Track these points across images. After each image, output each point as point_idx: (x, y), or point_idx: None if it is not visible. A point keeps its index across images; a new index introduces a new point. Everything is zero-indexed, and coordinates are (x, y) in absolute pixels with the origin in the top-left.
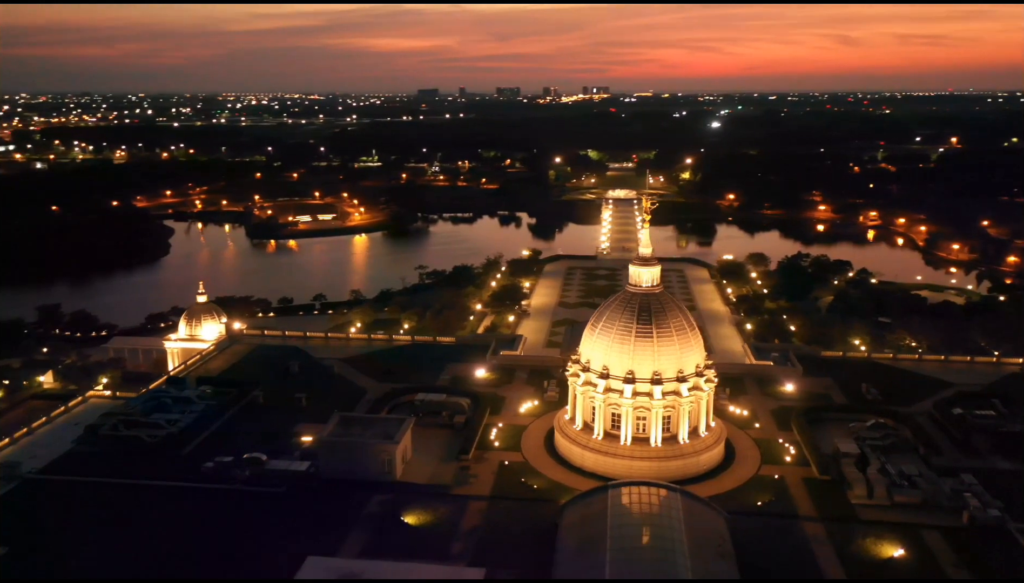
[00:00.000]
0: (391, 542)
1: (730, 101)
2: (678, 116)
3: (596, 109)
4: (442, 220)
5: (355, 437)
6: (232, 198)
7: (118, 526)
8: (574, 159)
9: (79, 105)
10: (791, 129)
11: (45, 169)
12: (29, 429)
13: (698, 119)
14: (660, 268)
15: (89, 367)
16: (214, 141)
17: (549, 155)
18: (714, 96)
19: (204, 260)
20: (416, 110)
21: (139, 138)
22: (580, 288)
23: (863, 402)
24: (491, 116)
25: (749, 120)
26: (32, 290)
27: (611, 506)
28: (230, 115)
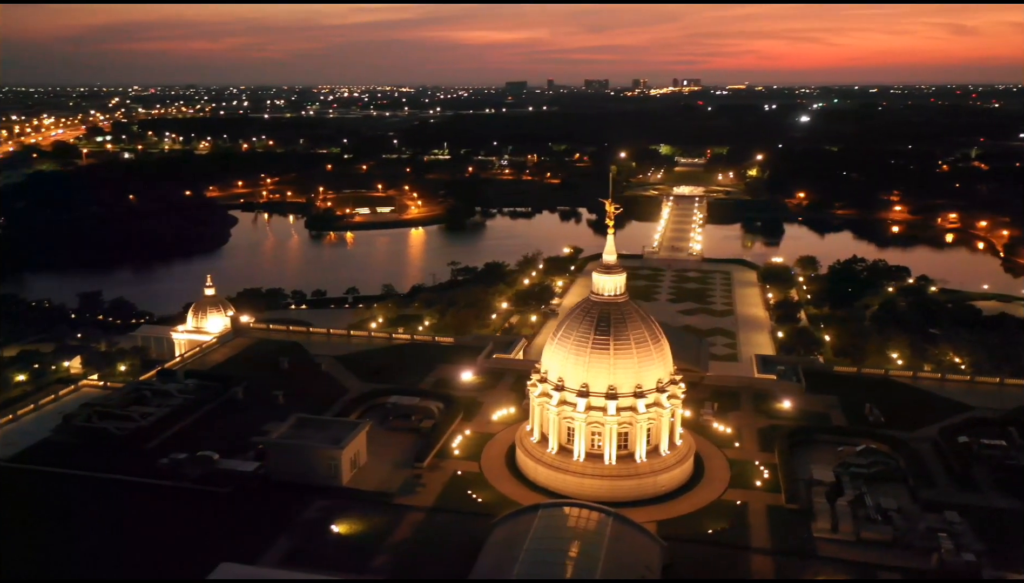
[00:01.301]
0: (314, 551)
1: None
2: (767, 109)
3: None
4: (501, 214)
5: (303, 440)
6: (298, 189)
7: (56, 518)
8: (642, 154)
9: (183, 97)
10: (885, 124)
11: (132, 159)
12: (15, 416)
13: (787, 113)
14: (624, 276)
15: (113, 354)
16: (295, 133)
17: (619, 149)
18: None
19: (259, 250)
20: (501, 103)
21: (225, 130)
22: None
23: (863, 424)
24: (574, 109)
25: (842, 114)
26: (94, 275)
27: (535, 527)
28: (320, 107)
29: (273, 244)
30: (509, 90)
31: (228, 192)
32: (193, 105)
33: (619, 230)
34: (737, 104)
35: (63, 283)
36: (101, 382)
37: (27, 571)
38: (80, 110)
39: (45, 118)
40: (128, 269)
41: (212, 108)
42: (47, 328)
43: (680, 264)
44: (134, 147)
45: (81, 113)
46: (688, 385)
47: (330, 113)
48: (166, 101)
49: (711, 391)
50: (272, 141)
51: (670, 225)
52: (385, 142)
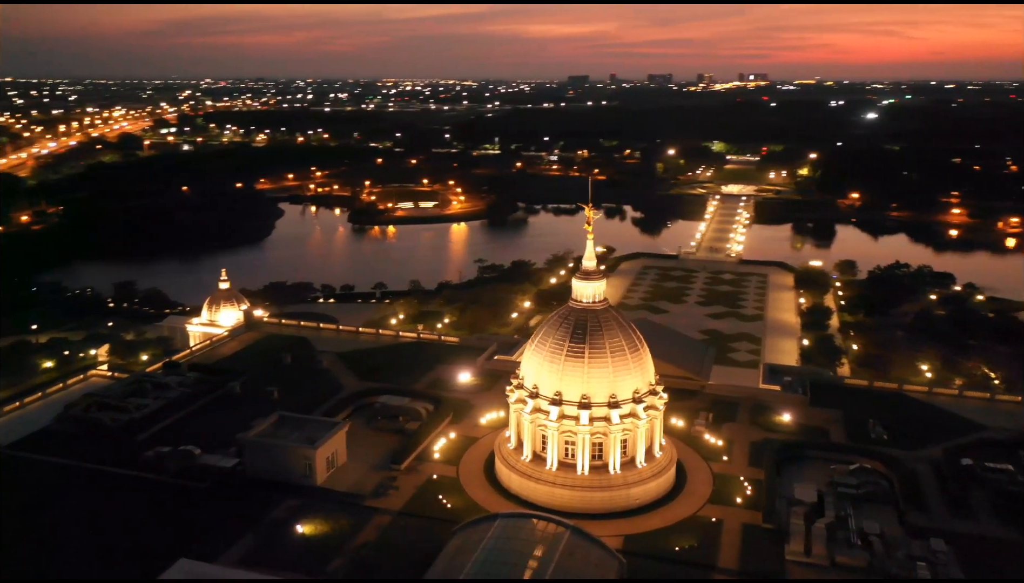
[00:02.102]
0: (274, 551)
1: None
2: (834, 105)
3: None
4: (545, 211)
5: (279, 438)
6: (345, 183)
7: (32, 506)
8: (693, 151)
9: (251, 90)
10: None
11: (190, 151)
12: (21, 404)
13: (854, 109)
14: (604, 283)
15: (138, 344)
16: (351, 126)
17: (671, 145)
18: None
19: (300, 243)
20: (561, 97)
21: (284, 123)
22: (648, 290)
23: (862, 441)
24: (633, 104)
25: (911, 111)
26: (141, 265)
27: (489, 537)
28: (381, 101)
29: (315, 237)
30: (570, 84)
31: (278, 184)
32: (259, 98)
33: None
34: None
35: (109, 272)
36: (109, 372)
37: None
38: (151, 102)
39: (116, 110)
40: (174, 259)
41: (276, 101)
42: (82, 316)
43: (716, 265)
44: (194, 139)
45: (151, 105)
46: (687, 394)
47: (390, 107)
48: (234, 94)
49: (710, 401)
50: (327, 134)
51: (713, 225)
52: (437, 136)
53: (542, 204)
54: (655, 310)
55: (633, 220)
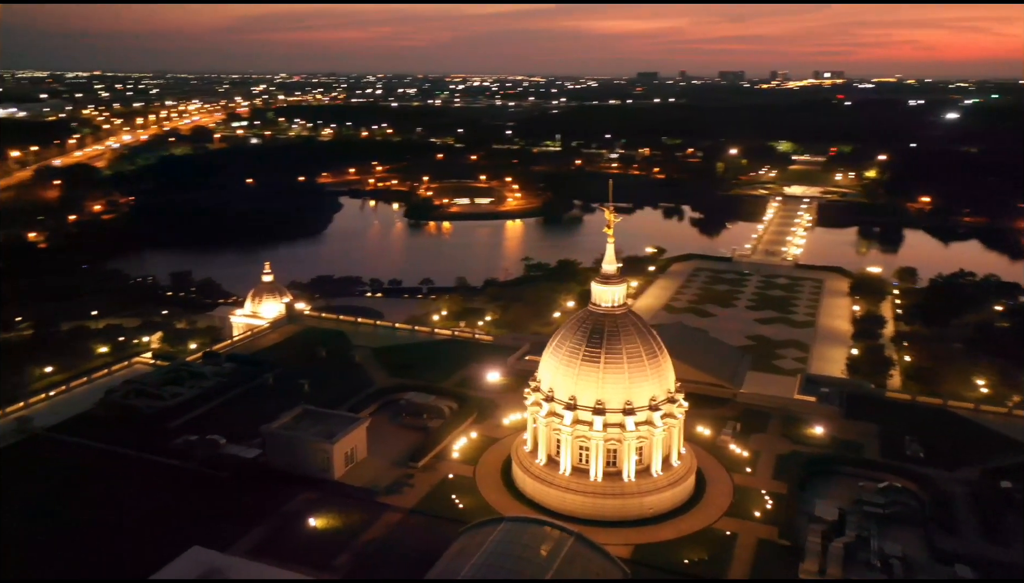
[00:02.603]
0: (284, 543)
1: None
2: (913, 105)
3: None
4: (601, 209)
5: (300, 432)
6: (403, 178)
7: (66, 488)
8: (758, 150)
9: (322, 85)
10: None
11: (258, 144)
12: (67, 388)
13: (934, 109)
14: (624, 287)
15: (188, 332)
16: (416, 122)
17: (736, 144)
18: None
19: (356, 237)
20: (629, 94)
21: (350, 117)
22: (697, 292)
23: (897, 458)
24: (702, 102)
25: (997, 111)
26: (203, 255)
27: (491, 540)
28: (448, 96)
29: (371, 231)
30: (639, 81)
31: (340, 178)
32: (329, 93)
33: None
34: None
35: (171, 261)
36: (152, 360)
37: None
38: (227, 96)
39: (193, 104)
40: (234, 250)
41: (346, 96)
42: (139, 304)
43: (770, 269)
44: (263, 132)
45: (225, 99)
46: (717, 402)
47: (456, 102)
48: (306, 88)
49: (741, 410)
50: (391, 129)
51: (772, 227)
52: (498, 132)
53: (599, 202)
54: (702, 313)
55: (691, 220)
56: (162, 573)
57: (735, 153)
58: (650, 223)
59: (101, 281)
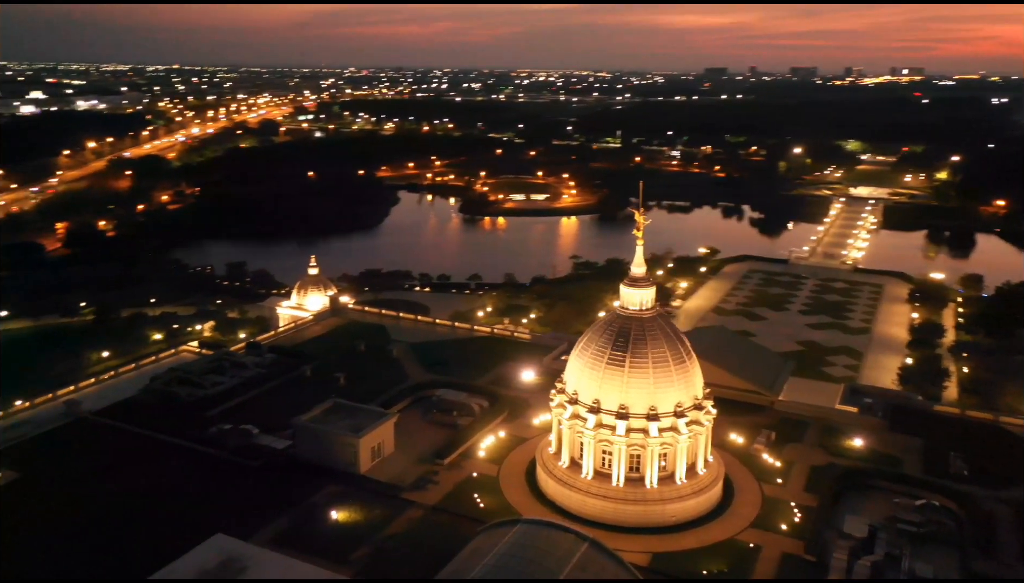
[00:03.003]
0: (305, 535)
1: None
2: (995, 103)
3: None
4: (658, 207)
5: (328, 424)
6: (460, 172)
7: (105, 470)
8: (824, 149)
9: (389, 79)
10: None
11: (321, 138)
12: (116, 373)
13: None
14: (653, 290)
15: (237, 322)
16: (477, 117)
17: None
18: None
19: (411, 231)
20: (695, 90)
21: (413, 112)
22: (749, 295)
23: (939, 475)
24: (770, 99)
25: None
26: (261, 246)
27: (504, 542)
28: (512, 91)
29: (426, 226)
30: (707, 77)
31: (399, 172)
32: (396, 87)
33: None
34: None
35: (230, 252)
36: (198, 349)
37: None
38: (296, 90)
39: (262, 97)
40: (292, 242)
41: (411, 90)
42: (196, 292)
43: (827, 272)
44: (327, 126)
45: (294, 93)
46: (754, 409)
47: (520, 97)
48: (373, 83)
49: (778, 418)
50: (453, 124)
51: (833, 229)
52: (559, 128)
53: (656, 200)
54: (752, 316)
55: (751, 220)
56: (184, 559)
57: (799, 152)
58: (708, 222)
59: (162, 270)
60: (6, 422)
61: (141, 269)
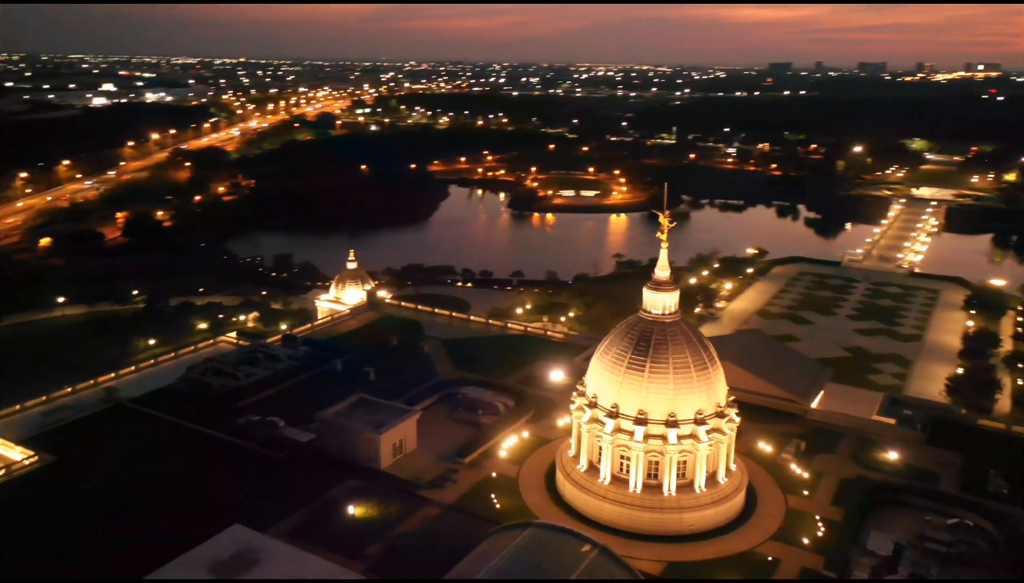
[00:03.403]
0: (321, 529)
1: None
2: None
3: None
4: (711, 206)
5: (351, 419)
6: (511, 168)
7: (135, 457)
8: (887, 148)
9: (448, 73)
10: None
11: (376, 132)
12: (155, 362)
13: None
14: (677, 294)
15: (280, 314)
16: (533, 111)
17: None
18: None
19: (458, 226)
20: (757, 86)
21: (468, 106)
22: (796, 298)
23: (977, 493)
24: (836, 95)
25: None
26: (312, 238)
27: (514, 545)
28: (570, 86)
29: (474, 221)
30: (771, 72)
31: (450, 167)
32: (454, 81)
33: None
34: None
35: (280, 244)
36: (235, 340)
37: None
38: (356, 83)
39: (322, 90)
40: (342, 235)
41: (469, 84)
42: (243, 283)
43: (881, 276)
44: (382, 120)
45: (353, 86)
46: (785, 418)
47: (577, 92)
48: (432, 76)
49: (810, 427)
50: (507, 118)
51: (892, 231)
52: (614, 124)
53: (709, 198)
54: (798, 320)
55: (806, 221)
56: (200, 549)
57: (860, 151)
58: (761, 222)
59: (212, 260)
60: (49, 406)
61: (192, 259)
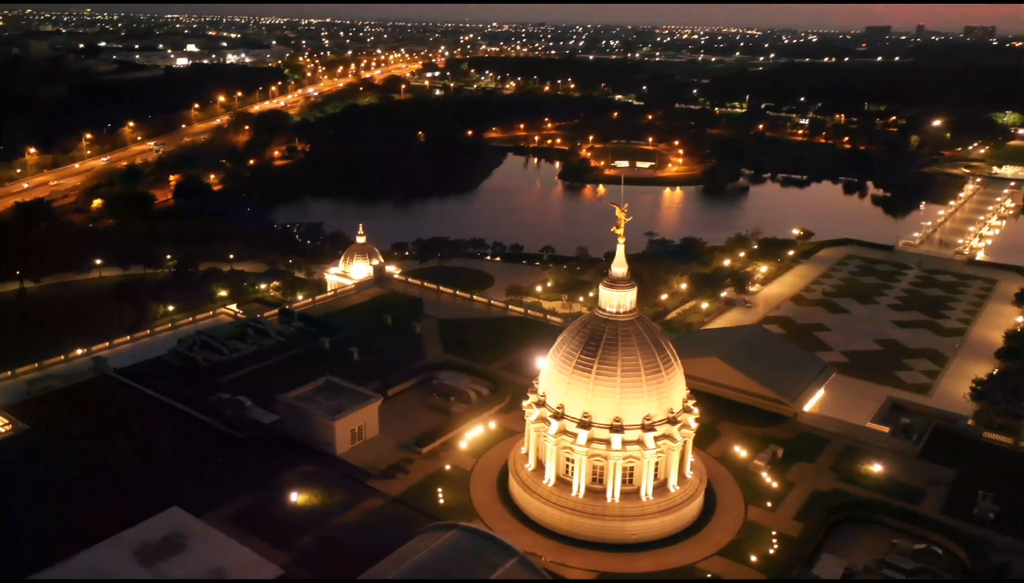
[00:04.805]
0: (262, 514)
1: None
2: None
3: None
4: (772, 180)
5: (310, 403)
6: (569, 136)
7: (103, 430)
8: (974, 121)
9: (528, 36)
10: None
11: (441, 97)
12: (151, 332)
13: None
14: (634, 292)
15: (300, 283)
16: (603, 77)
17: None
18: None
19: (506, 196)
20: (850, 51)
21: (537, 71)
22: (838, 283)
23: (959, 516)
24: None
25: None
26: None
27: (434, 546)
28: (649, 50)
29: (522, 191)
30: (867, 36)
31: (509, 134)
32: (533, 43)
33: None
34: None
35: (327, 210)
36: (233, 312)
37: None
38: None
39: (397, 53)
40: (390, 202)
41: (546, 48)
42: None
43: (936, 263)
44: (448, 84)
45: (428, 49)
46: (771, 420)
47: (656, 57)
48: (511, 39)
49: (798, 432)
50: (575, 84)
51: (960, 213)
52: (685, 91)
53: (772, 173)
54: (833, 308)
55: (874, 199)
56: (133, 530)
57: (939, 124)
58: (823, 199)
59: (252, 226)
60: (40, 373)
61: (232, 224)
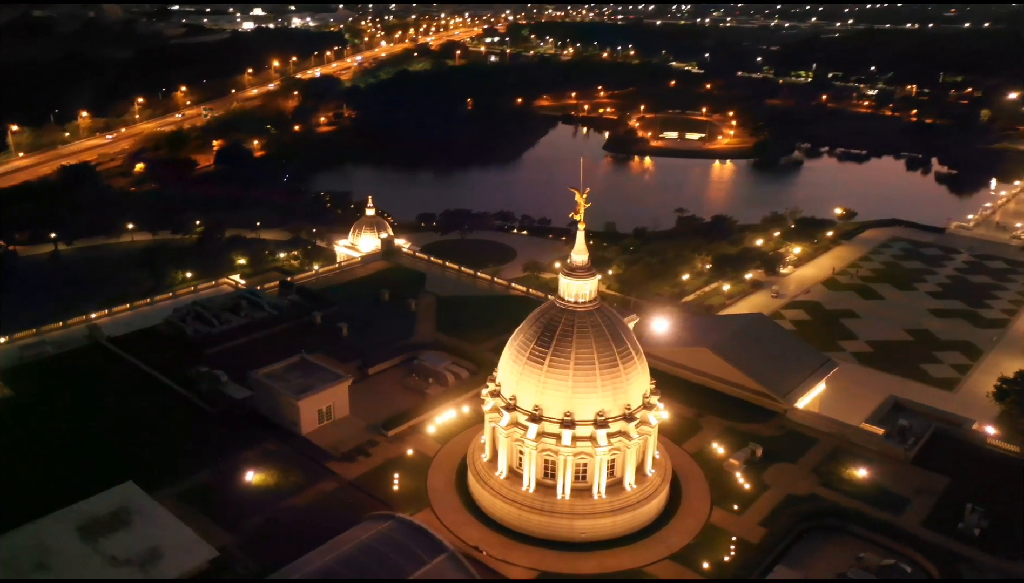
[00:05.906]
0: (216, 493)
1: None
2: None
3: None
4: (830, 155)
5: (278, 381)
6: (620, 105)
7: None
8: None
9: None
10: None
11: (495, 63)
12: (152, 300)
13: None
14: (595, 281)
15: (316, 252)
16: (667, 43)
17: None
18: None
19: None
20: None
21: (598, 36)
22: (877, 267)
23: (942, 530)
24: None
25: None
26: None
27: (368, 537)
28: (723, 14)
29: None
30: None
31: (560, 102)
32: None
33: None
34: None
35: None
36: (234, 282)
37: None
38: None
39: (460, 17)
40: (430, 172)
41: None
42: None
43: (989, 247)
44: (504, 50)
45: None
46: (760, 416)
47: (728, 21)
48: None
49: (786, 430)
50: (635, 51)
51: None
52: (749, 58)
53: (830, 146)
54: (867, 293)
55: (937, 176)
56: (84, 503)
57: (1015, 97)
58: (882, 176)
59: (283, 192)
60: (37, 339)
61: (266, 190)
